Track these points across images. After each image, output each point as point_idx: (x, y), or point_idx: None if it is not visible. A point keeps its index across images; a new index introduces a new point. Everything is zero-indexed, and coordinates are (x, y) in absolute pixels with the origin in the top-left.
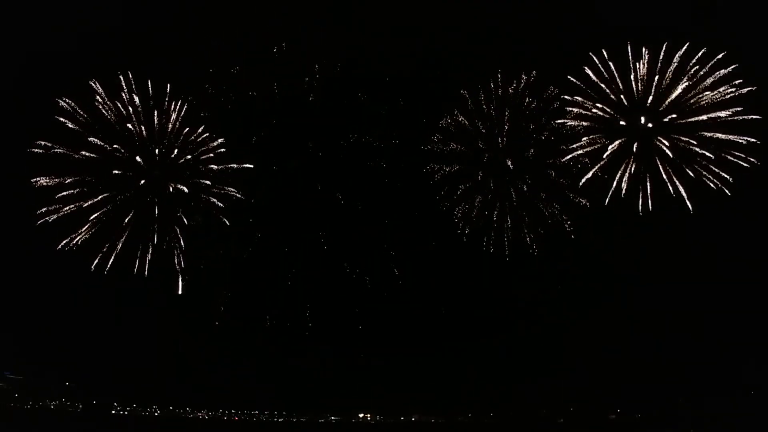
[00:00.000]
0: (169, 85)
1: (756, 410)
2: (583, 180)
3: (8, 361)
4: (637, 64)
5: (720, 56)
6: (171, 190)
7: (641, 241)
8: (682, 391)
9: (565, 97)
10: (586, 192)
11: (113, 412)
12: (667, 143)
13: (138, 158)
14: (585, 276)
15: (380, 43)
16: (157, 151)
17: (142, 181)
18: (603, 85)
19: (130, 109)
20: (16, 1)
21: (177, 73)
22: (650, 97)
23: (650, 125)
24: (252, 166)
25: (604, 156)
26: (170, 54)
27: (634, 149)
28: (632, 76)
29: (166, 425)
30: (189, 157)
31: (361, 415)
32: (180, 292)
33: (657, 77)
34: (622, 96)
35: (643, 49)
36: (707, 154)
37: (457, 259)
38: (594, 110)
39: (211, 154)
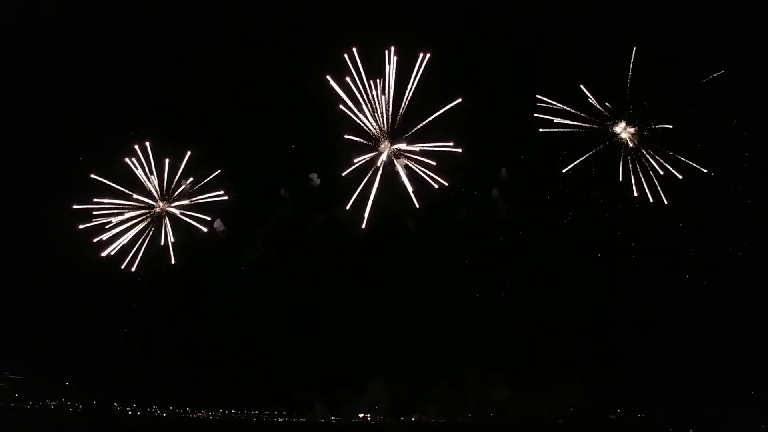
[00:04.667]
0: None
1: (755, 410)
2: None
3: (8, 361)
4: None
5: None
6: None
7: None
8: (682, 391)
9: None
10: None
11: (113, 412)
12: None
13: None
14: (584, 277)
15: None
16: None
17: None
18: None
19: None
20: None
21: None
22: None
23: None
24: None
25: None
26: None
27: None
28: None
29: (166, 425)
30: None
31: (361, 415)
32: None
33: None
34: (607, 104)
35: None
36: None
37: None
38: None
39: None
